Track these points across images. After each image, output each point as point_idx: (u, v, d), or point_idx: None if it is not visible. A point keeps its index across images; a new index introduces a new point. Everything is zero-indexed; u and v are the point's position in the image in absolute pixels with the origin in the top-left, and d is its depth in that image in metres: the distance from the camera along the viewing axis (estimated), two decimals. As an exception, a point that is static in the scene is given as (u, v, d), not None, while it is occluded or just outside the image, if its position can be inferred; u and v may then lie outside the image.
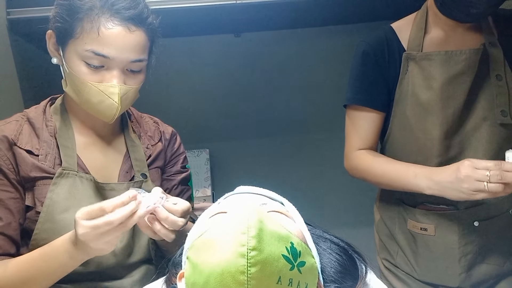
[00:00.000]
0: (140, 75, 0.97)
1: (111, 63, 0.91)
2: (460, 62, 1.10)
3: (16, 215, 0.91)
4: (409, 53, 1.15)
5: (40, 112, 0.99)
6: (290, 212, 0.75)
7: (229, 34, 2.20)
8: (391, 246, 1.28)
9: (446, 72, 1.10)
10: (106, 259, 0.95)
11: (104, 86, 0.91)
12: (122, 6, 0.90)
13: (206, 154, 2.17)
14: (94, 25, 0.89)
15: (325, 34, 2.22)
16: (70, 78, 0.94)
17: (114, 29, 0.89)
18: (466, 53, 1.10)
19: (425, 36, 1.15)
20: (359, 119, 1.22)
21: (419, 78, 1.13)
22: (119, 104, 0.92)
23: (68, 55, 0.93)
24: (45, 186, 0.92)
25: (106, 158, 1.02)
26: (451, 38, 1.15)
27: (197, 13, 1.72)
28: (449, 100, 1.11)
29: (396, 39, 1.18)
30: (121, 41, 0.90)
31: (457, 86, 1.10)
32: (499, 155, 1.09)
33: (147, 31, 0.94)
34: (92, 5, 0.90)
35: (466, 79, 1.10)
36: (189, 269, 0.62)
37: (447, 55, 1.11)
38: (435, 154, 1.13)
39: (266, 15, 1.89)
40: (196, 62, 2.22)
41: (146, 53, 0.96)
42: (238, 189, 0.80)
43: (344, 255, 0.76)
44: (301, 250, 0.62)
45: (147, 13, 0.95)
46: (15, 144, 0.92)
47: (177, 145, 1.14)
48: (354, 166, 1.23)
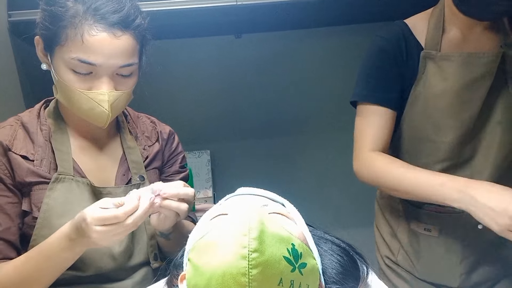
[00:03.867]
0: (131, 79, 0.94)
1: (99, 70, 0.88)
2: (481, 66, 1.06)
3: (15, 219, 0.91)
4: (428, 52, 1.10)
5: (34, 116, 0.98)
6: (291, 213, 0.75)
7: (229, 35, 2.20)
8: (392, 244, 1.27)
9: (466, 75, 1.06)
10: (106, 263, 0.95)
11: (94, 93, 0.89)
12: (107, 11, 0.87)
13: (207, 155, 2.17)
14: (78, 32, 0.85)
15: (326, 35, 2.22)
16: (59, 85, 0.92)
17: (98, 36, 0.86)
18: (487, 56, 1.06)
19: (443, 36, 1.11)
20: (370, 117, 1.14)
21: (437, 79, 1.09)
22: (109, 111, 0.90)
23: (56, 62, 0.91)
24: (41, 191, 0.91)
25: (102, 161, 1.01)
26: (468, 38, 1.11)
27: (198, 15, 1.72)
28: (466, 103, 1.07)
29: (412, 36, 1.13)
30: (107, 48, 0.86)
31: (476, 90, 1.07)
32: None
33: (135, 34, 0.91)
34: (75, 11, 0.86)
35: (485, 83, 1.06)
36: (190, 271, 0.62)
37: (469, 57, 1.07)
38: (445, 158, 1.10)
39: (267, 16, 1.89)
40: (197, 63, 2.22)
41: (136, 56, 0.93)
42: (239, 190, 0.80)
43: (345, 256, 0.76)
44: (302, 252, 0.62)
45: (134, 14, 0.90)
46: (10, 149, 0.91)
47: (175, 145, 1.13)
48: (366, 169, 1.13)
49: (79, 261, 0.91)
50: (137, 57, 0.93)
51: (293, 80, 2.25)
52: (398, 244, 1.25)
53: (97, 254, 0.94)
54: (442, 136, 1.10)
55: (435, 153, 1.12)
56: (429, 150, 1.13)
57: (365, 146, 1.13)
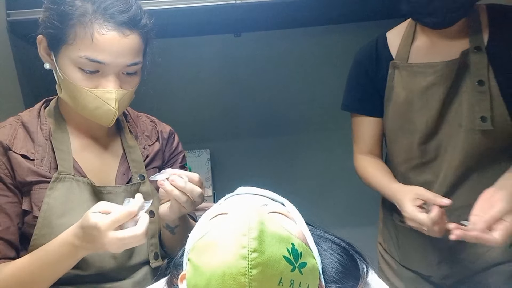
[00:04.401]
0: (135, 78, 0.96)
1: (106, 68, 0.89)
2: (431, 74, 1.13)
3: (15, 219, 0.91)
4: (394, 62, 1.19)
5: (35, 115, 0.98)
6: (291, 213, 0.75)
7: (229, 34, 2.20)
8: (384, 232, 1.39)
9: (420, 83, 1.15)
10: (107, 262, 0.95)
11: (101, 92, 0.90)
12: (116, 10, 0.88)
13: (207, 154, 2.17)
14: (88, 31, 0.86)
15: (325, 34, 2.22)
16: (64, 84, 0.93)
17: (108, 35, 0.87)
18: (438, 65, 1.12)
19: (412, 44, 1.18)
20: (358, 124, 1.31)
21: (400, 86, 1.18)
22: (116, 109, 0.91)
23: (62, 61, 0.91)
24: (41, 191, 0.91)
25: (103, 160, 1.01)
26: (437, 45, 1.15)
27: (197, 13, 1.72)
28: (423, 109, 1.15)
29: (386, 48, 1.22)
30: (115, 46, 0.88)
31: (430, 96, 1.14)
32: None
33: (141, 34, 0.93)
34: (85, 10, 0.88)
35: (438, 90, 1.13)
36: (190, 271, 0.62)
37: (423, 67, 1.14)
38: (414, 157, 1.20)
39: (266, 15, 1.89)
40: (196, 62, 2.22)
41: (141, 55, 0.95)
42: (239, 190, 0.80)
43: (345, 255, 0.77)
44: (302, 251, 0.62)
45: (140, 15, 0.93)
46: (10, 149, 0.91)
47: (175, 144, 1.13)
48: (358, 169, 1.32)
49: (80, 261, 0.91)
50: (142, 56, 0.95)
51: (293, 78, 2.25)
52: (387, 232, 1.37)
53: (98, 254, 0.94)
54: (405, 138, 1.20)
55: (403, 153, 1.23)
56: (398, 151, 1.24)
57: (356, 150, 1.33)
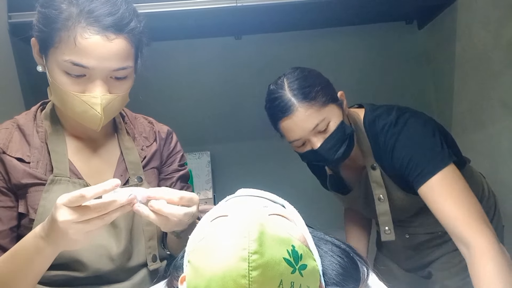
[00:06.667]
0: (126, 82, 0.93)
1: (92, 73, 0.87)
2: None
3: (7, 223, 0.90)
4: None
5: (31, 118, 0.98)
6: (291, 214, 0.75)
7: (229, 36, 2.20)
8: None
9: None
10: (104, 264, 0.94)
11: (87, 96, 0.88)
12: (100, 13, 0.86)
13: (207, 156, 2.17)
14: (71, 35, 0.85)
15: (325, 36, 2.22)
16: (53, 87, 0.92)
17: (91, 39, 0.85)
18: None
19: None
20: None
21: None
22: (102, 114, 0.89)
23: (50, 65, 0.90)
24: (37, 193, 0.91)
25: (99, 162, 1.00)
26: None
27: (198, 16, 1.72)
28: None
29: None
30: (100, 51, 0.85)
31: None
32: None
33: (129, 37, 0.89)
34: (69, 14, 0.86)
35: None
36: (190, 273, 0.62)
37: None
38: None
39: (267, 18, 1.90)
40: (197, 64, 2.22)
41: (131, 59, 0.92)
42: (239, 191, 0.80)
43: (346, 257, 0.76)
44: (302, 253, 0.62)
45: (128, 18, 0.89)
46: (5, 152, 0.91)
47: (173, 144, 1.12)
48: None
49: (77, 262, 0.91)
50: (131, 60, 0.92)
51: (293, 81, 2.25)
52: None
53: (96, 255, 0.94)
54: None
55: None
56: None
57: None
